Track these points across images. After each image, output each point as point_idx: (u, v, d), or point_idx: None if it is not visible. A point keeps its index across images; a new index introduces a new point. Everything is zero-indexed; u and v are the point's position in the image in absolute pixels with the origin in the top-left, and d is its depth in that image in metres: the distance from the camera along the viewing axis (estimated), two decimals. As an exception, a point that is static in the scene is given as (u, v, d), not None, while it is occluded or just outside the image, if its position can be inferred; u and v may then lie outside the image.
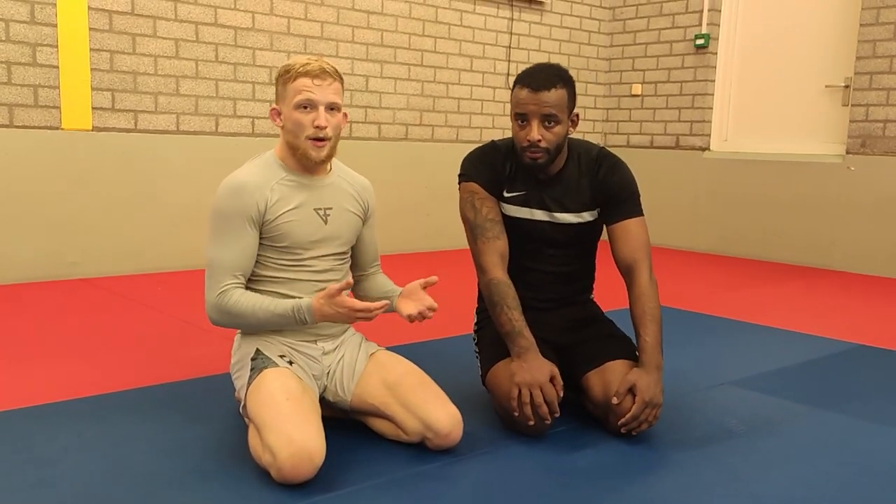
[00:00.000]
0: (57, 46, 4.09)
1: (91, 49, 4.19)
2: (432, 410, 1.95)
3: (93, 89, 4.22)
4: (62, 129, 4.15)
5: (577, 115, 2.20)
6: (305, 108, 1.96)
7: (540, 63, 2.21)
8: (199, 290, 4.25)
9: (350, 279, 1.93)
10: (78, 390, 2.43)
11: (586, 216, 2.28)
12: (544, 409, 2.01)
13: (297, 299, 1.96)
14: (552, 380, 2.04)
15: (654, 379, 2.07)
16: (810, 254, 5.44)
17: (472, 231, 2.23)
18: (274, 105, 2.05)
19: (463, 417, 1.99)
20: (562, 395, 2.09)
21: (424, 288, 2.05)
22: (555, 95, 2.10)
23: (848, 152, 5.24)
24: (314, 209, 2.05)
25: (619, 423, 2.06)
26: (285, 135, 2.02)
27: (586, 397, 2.23)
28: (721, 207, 5.93)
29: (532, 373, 2.02)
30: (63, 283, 4.12)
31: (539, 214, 2.26)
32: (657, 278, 2.24)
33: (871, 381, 2.77)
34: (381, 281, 2.27)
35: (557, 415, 2.03)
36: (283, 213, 2.01)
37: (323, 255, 2.07)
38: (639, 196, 2.28)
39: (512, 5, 5.97)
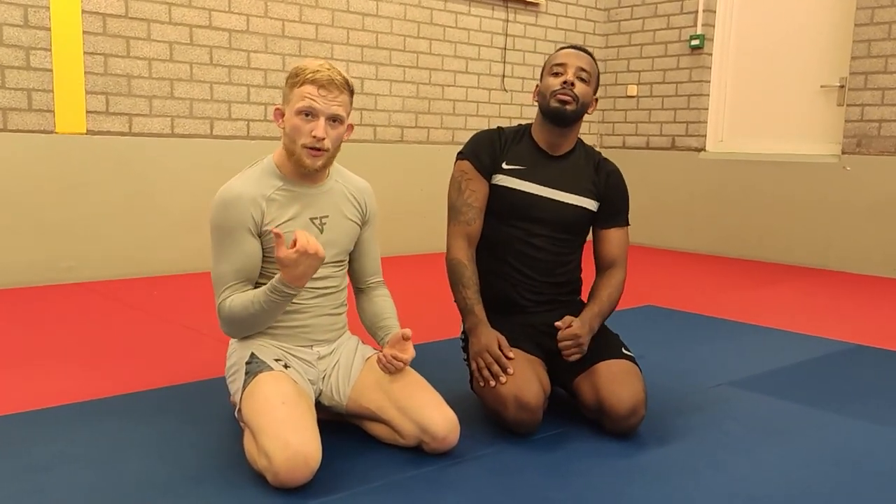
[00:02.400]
0: (51, 50, 4.08)
1: (85, 52, 4.18)
2: (429, 414, 1.94)
3: (87, 93, 4.20)
4: (56, 132, 4.14)
5: (597, 100, 2.37)
6: (307, 115, 1.94)
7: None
8: (194, 293, 4.24)
9: (277, 231, 1.80)
10: (72, 395, 2.41)
11: (586, 203, 2.34)
12: (495, 367, 2.10)
13: (269, 283, 1.90)
14: (499, 344, 2.15)
15: (584, 325, 2.19)
16: (807, 254, 5.45)
17: (450, 210, 2.34)
18: (279, 105, 2.02)
19: (459, 420, 1.98)
20: (548, 391, 2.15)
21: (406, 339, 2.03)
22: (591, 61, 2.32)
23: (843, 152, 5.24)
24: (310, 218, 2.03)
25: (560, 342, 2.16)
26: (284, 138, 2.00)
27: (578, 402, 2.23)
28: (717, 208, 5.93)
29: (480, 343, 2.16)
30: (58, 287, 4.11)
31: (536, 189, 2.31)
32: (652, 278, 2.29)
33: (869, 382, 2.77)
34: (379, 307, 2.20)
35: (510, 372, 2.09)
36: (279, 224, 1.98)
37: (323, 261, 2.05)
38: (629, 206, 2.44)
39: (507, 7, 5.96)
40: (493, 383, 2.09)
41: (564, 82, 2.24)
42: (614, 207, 2.37)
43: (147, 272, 4.48)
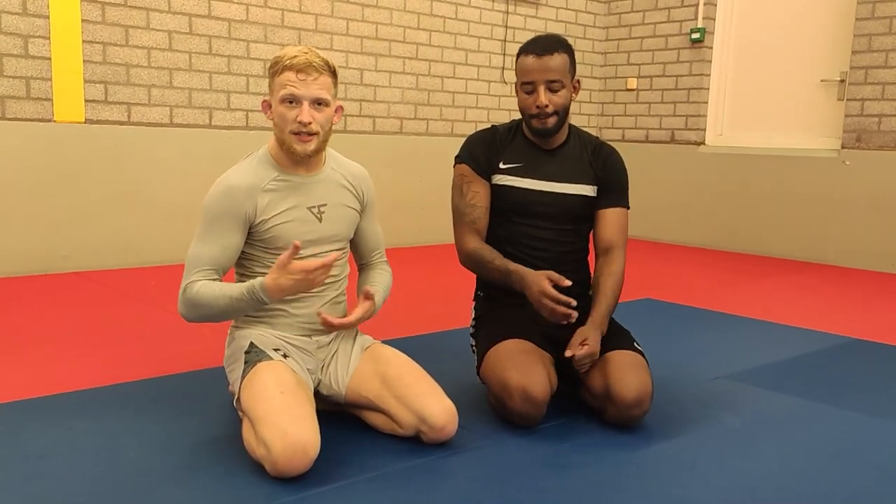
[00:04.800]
0: (49, 38, 4.06)
1: (84, 41, 4.16)
2: (427, 404, 1.94)
3: (85, 81, 4.19)
4: (55, 121, 4.12)
5: (579, 82, 2.32)
6: (290, 102, 1.94)
7: (539, 34, 2.32)
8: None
9: (298, 244, 1.81)
10: (69, 384, 2.41)
11: (586, 190, 2.34)
12: (561, 310, 2.06)
13: (251, 279, 1.91)
14: (551, 282, 2.11)
15: (596, 336, 2.15)
16: (805, 248, 5.45)
17: (455, 213, 2.36)
18: (266, 98, 2.02)
19: (458, 411, 1.98)
20: (555, 386, 2.14)
21: (367, 298, 2.05)
22: (558, 60, 2.22)
23: (843, 147, 5.24)
24: (308, 208, 2.03)
25: (572, 355, 2.10)
26: (275, 128, 2.00)
27: (585, 388, 2.23)
28: (716, 202, 5.93)
29: (533, 292, 2.11)
30: (55, 276, 4.10)
31: (536, 184, 2.31)
32: (651, 271, 2.28)
33: (866, 375, 2.77)
34: (374, 274, 2.23)
35: (574, 304, 2.07)
36: (276, 214, 1.98)
37: (319, 253, 2.04)
38: (628, 189, 2.41)
39: (507, -1, 5.95)
40: (574, 317, 2.07)
41: (538, 107, 2.22)
42: (611, 188, 2.36)
43: (144, 262, 4.47)
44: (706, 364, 2.85)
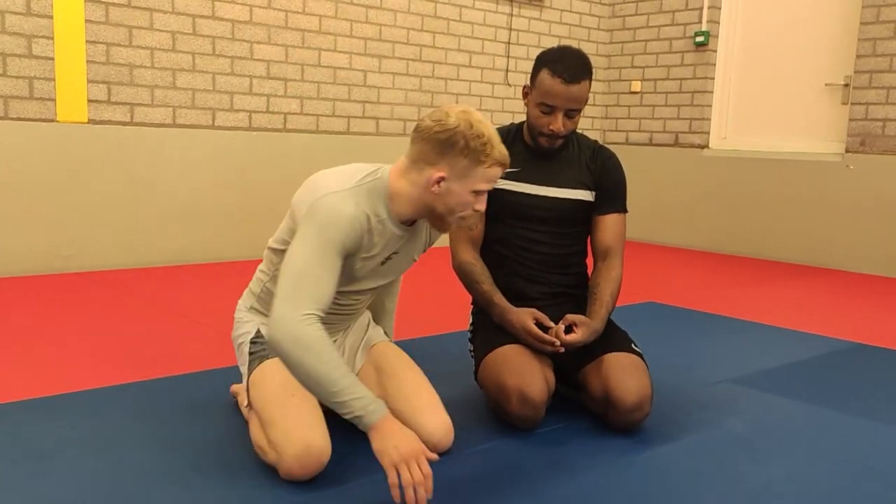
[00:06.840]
0: (53, 38, 4.06)
1: (87, 41, 4.16)
2: (424, 422, 1.92)
3: (89, 82, 4.19)
4: (57, 121, 4.12)
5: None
6: (476, 194, 1.81)
7: (568, 48, 2.23)
8: (193, 284, 4.20)
9: None
10: (73, 384, 2.40)
11: (584, 195, 2.33)
12: (546, 345, 2.11)
13: (373, 400, 1.68)
14: (535, 320, 2.16)
15: (587, 333, 2.15)
16: (809, 252, 5.44)
17: None
18: (441, 173, 1.79)
19: (459, 413, 1.99)
20: (553, 389, 2.15)
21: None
22: (584, 87, 2.19)
23: (847, 151, 5.23)
24: (385, 256, 1.93)
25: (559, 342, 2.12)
26: (426, 194, 1.81)
27: (584, 393, 2.22)
28: (720, 205, 5.92)
29: (516, 328, 2.16)
30: (58, 276, 4.10)
31: (533, 189, 2.30)
32: (654, 274, 2.27)
33: (870, 380, 2.76)
34: (382, 300, 2.23)
35: (558, 343, 2.10)
36: (362, 257, 1.87)
37: (361, 291, 1.97)
38: (626, 193, 2.40)
39: (511, 1, 5.94)
40: (560, 350, 2.11)
41: (552, 130, 2.20)
42: (610, 193, 2.35)
43: (148, 262, 4.47)
44: (709, 368, 2.84)
